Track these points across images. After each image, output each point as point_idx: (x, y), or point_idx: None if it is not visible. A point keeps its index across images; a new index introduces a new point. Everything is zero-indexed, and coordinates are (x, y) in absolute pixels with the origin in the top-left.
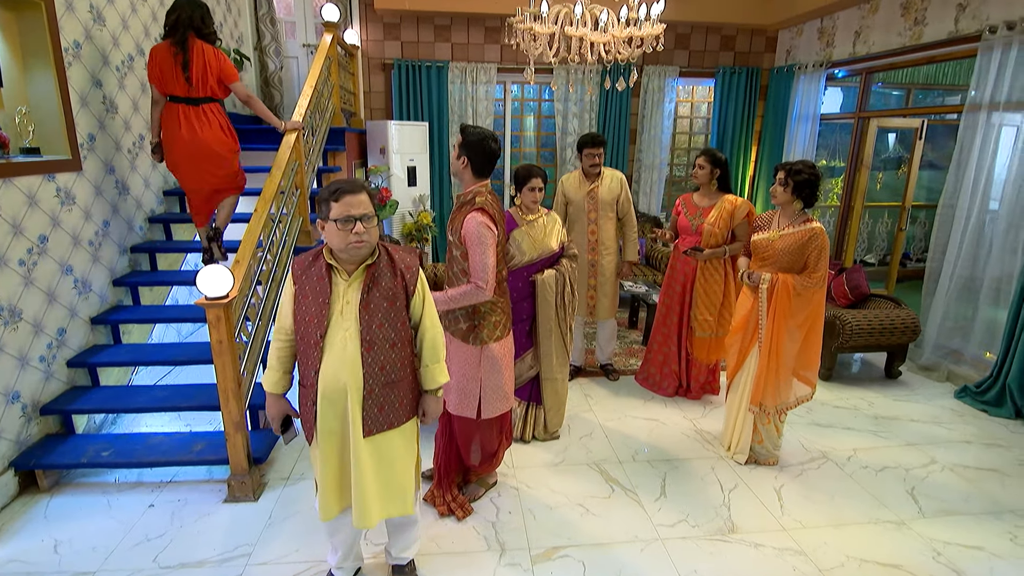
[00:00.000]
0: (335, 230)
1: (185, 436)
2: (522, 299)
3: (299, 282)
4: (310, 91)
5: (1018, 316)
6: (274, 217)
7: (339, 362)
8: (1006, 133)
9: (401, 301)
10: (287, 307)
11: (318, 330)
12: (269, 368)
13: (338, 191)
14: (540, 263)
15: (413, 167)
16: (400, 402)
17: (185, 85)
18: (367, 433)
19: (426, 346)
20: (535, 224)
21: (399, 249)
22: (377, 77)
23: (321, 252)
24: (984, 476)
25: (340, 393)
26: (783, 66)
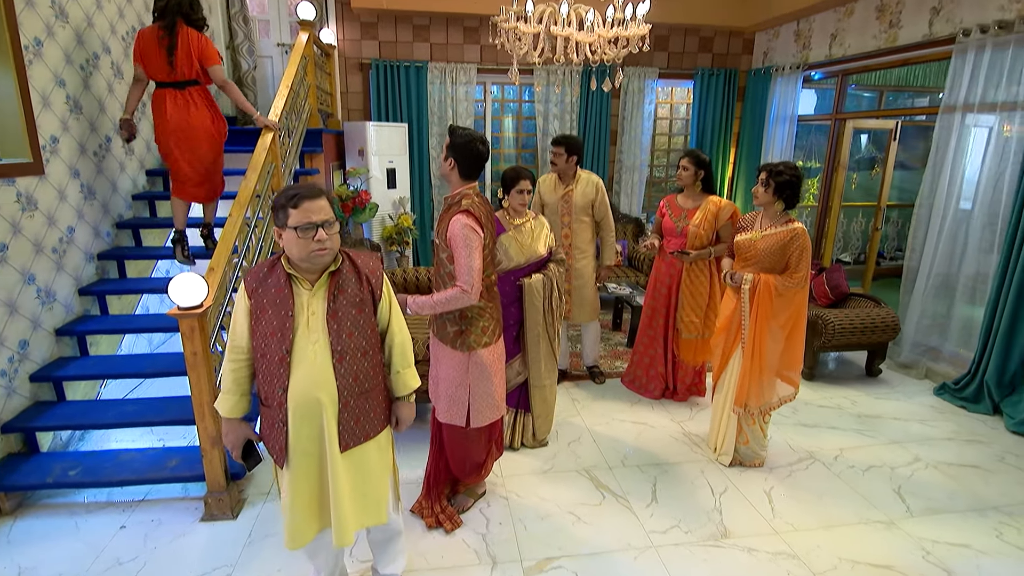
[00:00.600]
0: (295, 238)
1: (158, 452)
2: (509, 304)
3: (255, 296)
4: (286, 91)
5: (995, 314)
6: (249, 222)
7: (310, 377)
8: (980, 134)
9: (369, 307)
10: (242, 324)
11: (283, 345)
12: (225, 392)
13: (297, 197)
14: (528, 267)
15: (392, 169)
16: (375, 411)
17: (167, 69)
18: (344, 448)
19: (396, 351)
20: (522, 228)
21: (360, 254)
22: (354, 77)
23: (277, 262)
24: (967, 473)
25: (314, 409)
26: (760, 68)
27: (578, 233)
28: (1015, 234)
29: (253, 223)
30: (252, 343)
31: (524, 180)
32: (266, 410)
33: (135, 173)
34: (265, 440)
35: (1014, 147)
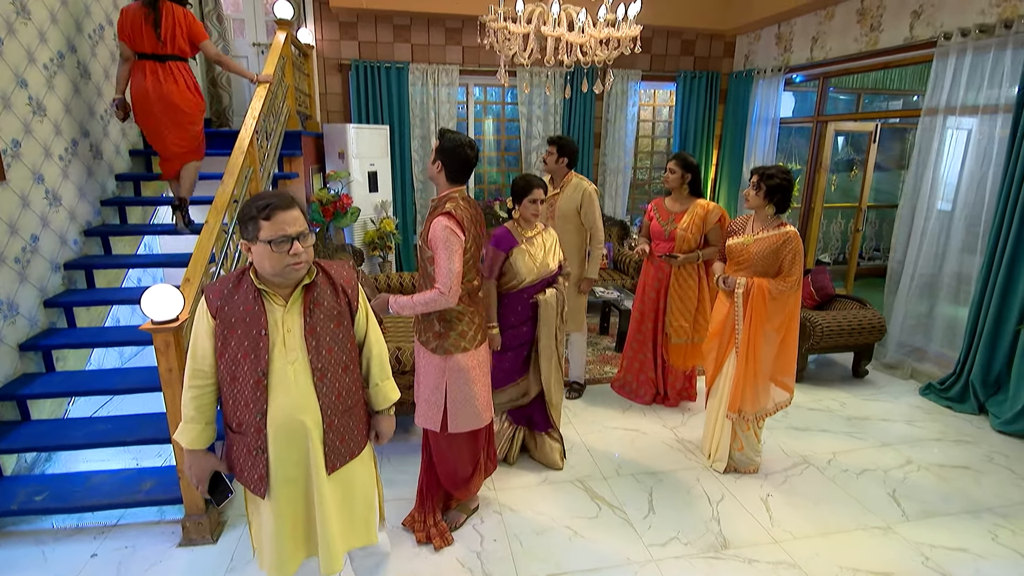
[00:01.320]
0: (268, 252)
1: (131, 473)
2: (521, 323)
3: (220, 315)
4: (264, 92)
5: (979, 314)
6: (227, 228)
7: (291, 399)
8: (962, 136)
9: (347, 320)
10: (205, 346)
11: (258, 367)
12: (187, 421)
13: (269, 207)
14: (540, 283)
15: (374, 172)
16: (358, 428)
17: (155, 40)
18: (331, 470)
19: (374, 363)
20: (535, 241)
21: (332, 264)
22: (333, 78)
23: (243, 276)
24: (958, 474)
25: (297, 433)
26: (742, 71)
27: (562, 238)
28: (998, 235)
29: (231, 229)
30: (218, 366)
31: (537, 189)
32: (238, 437)
33: (104, 178)
34: (237, 470)
35: (996, 149)
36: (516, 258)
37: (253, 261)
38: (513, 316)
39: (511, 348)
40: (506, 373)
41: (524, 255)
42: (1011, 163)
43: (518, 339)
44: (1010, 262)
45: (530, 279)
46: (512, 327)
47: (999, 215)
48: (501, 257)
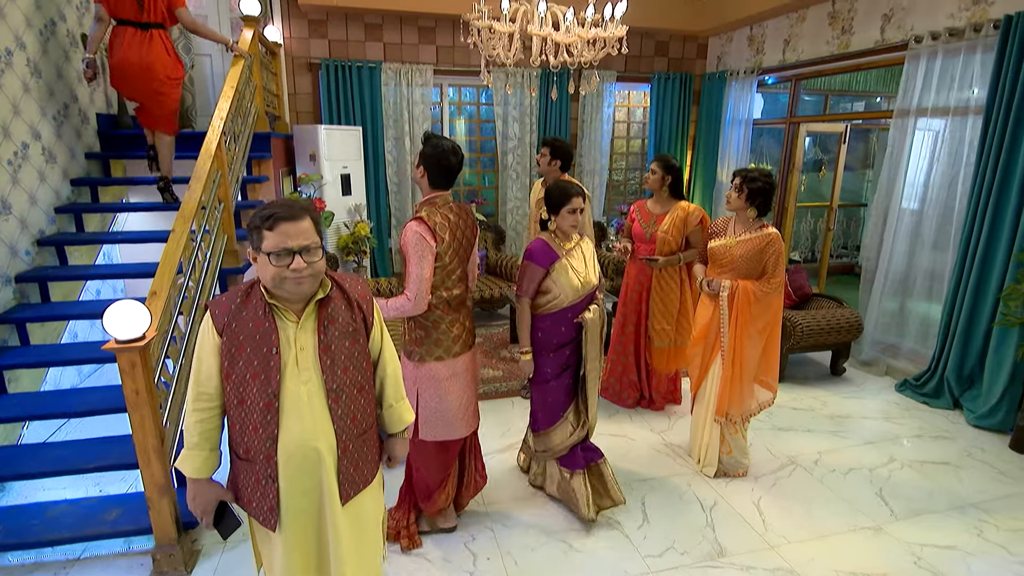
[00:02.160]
0: (267, 265)
1: (94, 503)
2: (562, 345)
3: (227, 332)
4: (231, 92)
5: (952, 311)
6: (195, 236)
7: (304, 423)
8: (933, 137)
9: (363, 337)
10: (210, 366)
11: (268, 388)
12: (190, 447)
13: (273, 217)
14: (583, 301)
15: (347, 175)
16: (371, 453)
17: (136, 8)
18: (345, 499)
19: (388, 383)
20: (574, 254)
21: (346, 277)
22: (303, 78)
23: (252, 290)
24: (940, 471)
25: (310, 460)
26: (715, 72)
27: None
28: (970, 234)
29: (199, 237)
30: (224, 388)
31: (576, 197)
32: (246, 465)
33: (58, 183)
34: (244, 500)
35: (966, 150)
36: (559, 274)
37: (257, 273)
38: (556, 339)
39: (553, 377)
40: (552, 408)
41: (567, 270)
42: (981, 163)
43: (560, 364)
44: (982, 260)
45: (574, 297)
46: (553, 351)
47: (970, 214)
48: (540, 274)
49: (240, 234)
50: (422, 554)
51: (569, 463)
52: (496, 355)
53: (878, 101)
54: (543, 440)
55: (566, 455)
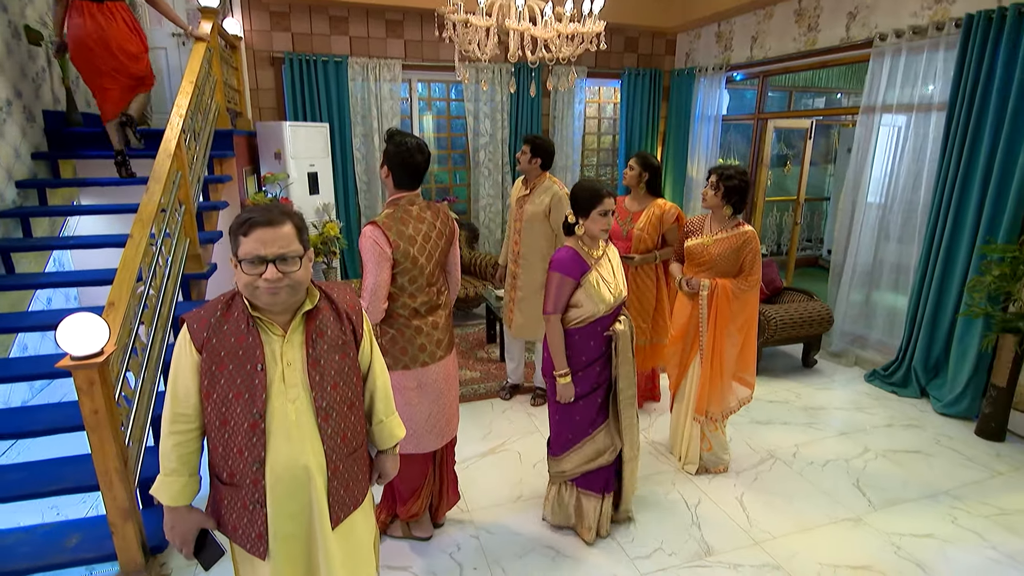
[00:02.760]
0: (241, 272)
1: (52, 529)
2: (591, 361)
3: (207, 348)
4: (191, 87)
5: (919, 302)
6: (155, 241)
7: (293, 444)
8: (898, 133)
9: (353, 351)
10: (188, 385)
11: (253, 407)
12: (167, 473)
13: (248, 222)
14: (614, 313)
15: (314, 173)
16: (362, 473)
17: None
18: (336, 523)
19: (379, 397)
20: (603, 262)
21: (334, 286)
22: (265, 72)
23: (232, 302)
24: (912, 459)
25: (299, 482)
26: (683, 69)
27: (527, 242)
28: (935, 227)
29: (160, 242)
30: (204, 408)
31: (607, 198)
32: (230, 490)
33: (2, 186)
34: (228, 527)
35: (930, 145)
36: (590, 286)
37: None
38: (584, 355)
39: (582, 395)
40: (578, 426)
41: (598, 281)
42: (945, 158)
43: (590, 382)
44: (946, 253)
45: (605, 308)
46: (582, 368)
47: (935, 208)
48: (570, 286)
49: (203, 237)
50: (407, 567)
51: (588, 484)
52: (473, 356)
53: (838, 97)
54: (567, 459)
55: (586, 476)
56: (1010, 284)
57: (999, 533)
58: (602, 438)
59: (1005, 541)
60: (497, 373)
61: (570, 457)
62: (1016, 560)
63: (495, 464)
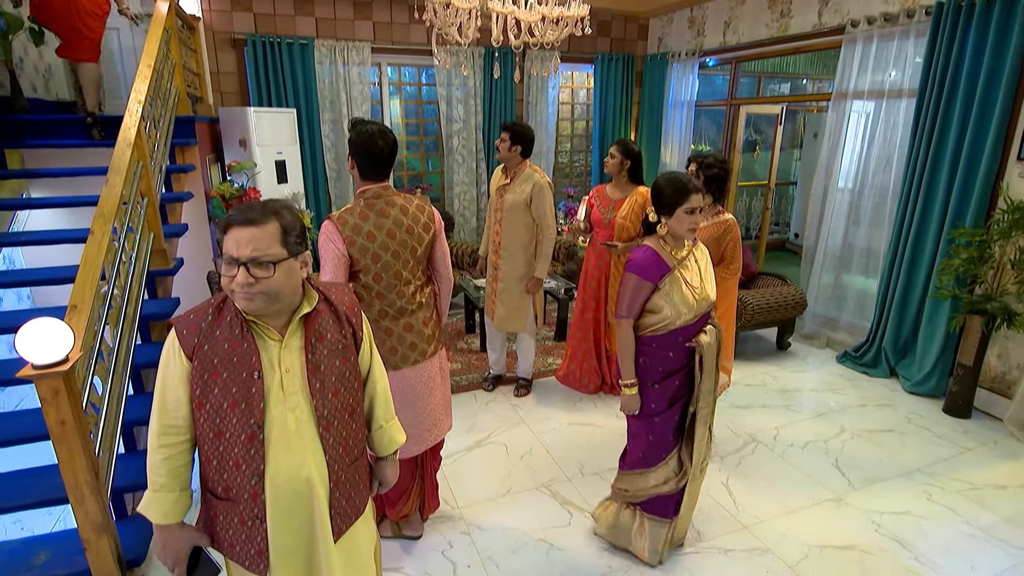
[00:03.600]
0: (222, 273)
1: (19, 545)
2: (669, 373)
3: (198, 355)
4: (149, 71)
5: (888, 285)
6: (117, 237)
7: (294, 455)
8: (870, 118)
9: (353, 355)
10: (179, 395)
11: (251, 418)
12: (157, 488)
13: (228, 219)
14: (699, 321)
15: (282, 161)
16: (363, 482)
17: None
18: (338, 535)
19: (379, 402)
20: (688, 264)
21: (332, 287)
22: (226, 55)
23: (224, 305)
24: (886, 438)
25: (301, 495)
26: (656, 54)
27: (508, 232)
28: (904, 211)
29: (123, 237)
30: (196, 419)
31: (695, 194)
32: (226, 505)
33: None
34: (224, 544)
35: (900, 131)
36: (670, 290)
37: None
38: (661, 366)
39: (658, 412)
40: (653, 447)
41: (680, 285)
42: (914, 145)
43: (667, 397)
44: (916, 237)
45: (688, 316)
46: (659, 380)
47: (905, 193)
48: (647, 289)
49: (168, 230)
50: (399, 568)
51: (656, 510)
52: (453, 347)
53: (804, 83)
54: (632, 480)
55: (653, 500)
56: (977, 267)
57: (971, 508)
58: (675, 463)
59: (978, 516)
60: (478, 364)
61: (640, 478)
62: (988, 533)
63: (482, 458)
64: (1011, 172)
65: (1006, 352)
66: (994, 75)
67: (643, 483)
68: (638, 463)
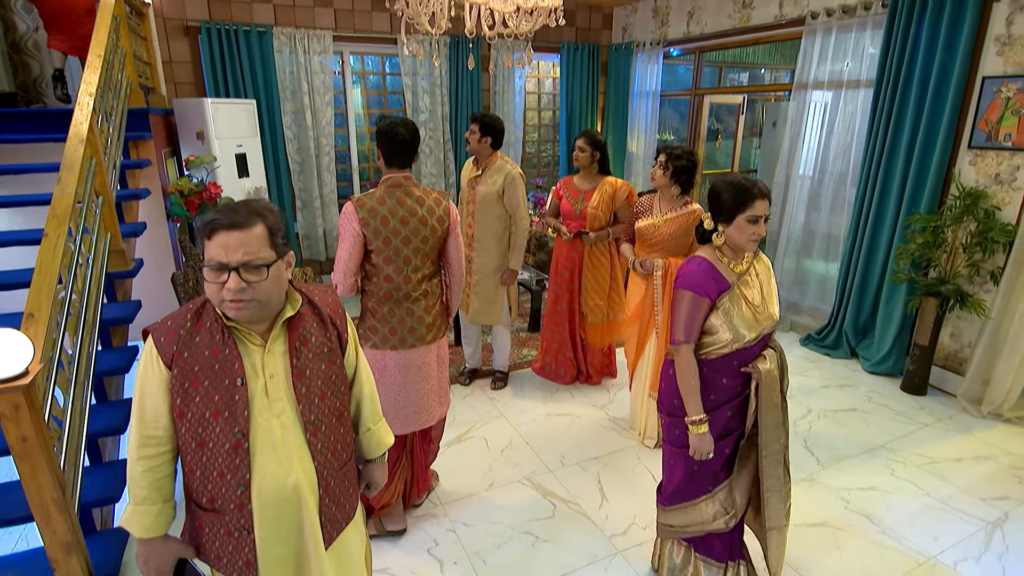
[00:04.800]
0: (206, 279)
1: None
2: (724, 402)
3: (178, 362)
4: (99, 62)
5: (848, 270)
6: (73, 239)
7: (281, 463)
8: (830, 108)
9: (339, 358)
10: (158, 405)
11: (235, 427)
12: (138, 502)
13: (212, 224)
14: (759, 343)
15: (243, 154)
16: (352, 486)
17: None
18: (329, 542)
19: (366, 404)
20: (749, 279)
21: (315, 289)
22: (179, 43)
23: (203, 309)
24: (850, 417)
25: (291, 504)
26: (621, 43)
27: (481, 224)
28: (863, 199)
29: (79, 239)
30: (177, 428)
31: (759, 201)
32: (211, 516)
33: None
34: (210, 556)
35: (859, 121)
36: (730, 309)
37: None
38: (714, 394)
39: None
40: (697, 479)
41: (740, 304)
42: (872, 134)
43: (718, 428)
44: (874, 223)
45: (749, 339)
46: (710, 411)
47: (863, 181)
48: (705, 308)
49: (125, 230)
50: (385, 569)
51: (707, 551)
52: None
53: (762, 72)
54: (677, 515)
55: (703, 539)
56: (931, 252)
57: (931, 481)
58: (722, 498)
59: (937, 488)
60: (454, 358)
61: (680, 514)
62: (948, 505)
63: (462, 452)
64: (962, 160)
65: (958, 331)
66: (946, 68)
67: (688, 519)
68: (681, 497)
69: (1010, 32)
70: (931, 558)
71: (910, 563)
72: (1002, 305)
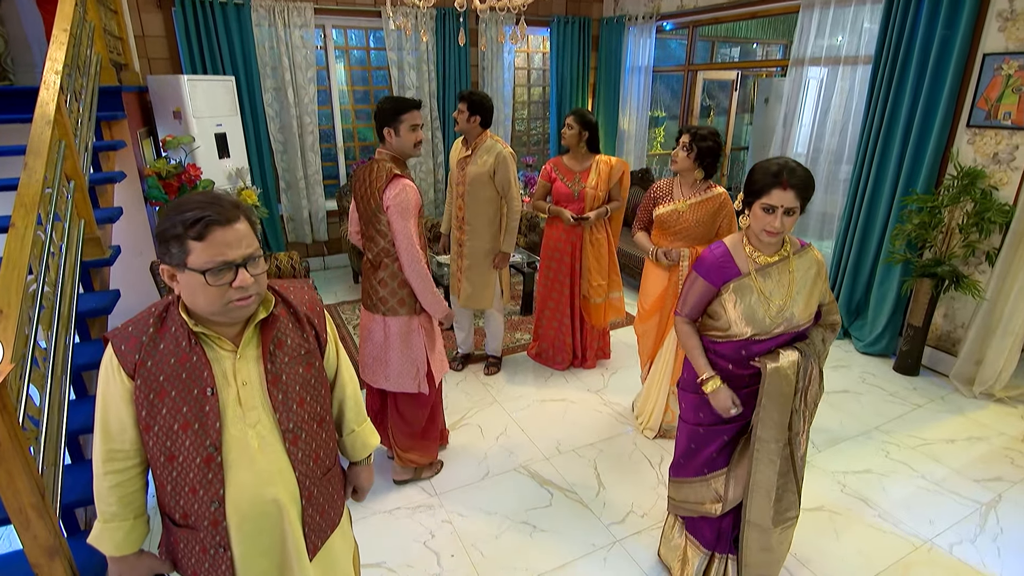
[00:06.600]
0: (202, 286)
1: None
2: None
3: (141, 372)
4: (66, 36)
5: (843, 249)
6: (43, 228)
7: (258, 475)
8: (826, 85)
9: (318, 360)
10: (122, 417)
11: (207, 439)
12: (108, 519)
13: (201, 221)
14: (776, 340)
15: (222, 134)
16: (336, 492)
17: None
18: (313, 552)
19: (349, 406)
20: (771, 273)
21: (289, 286)
22: (152, 16)
23: (167, 314)
24: (843, 399)
25: (270, 516)
26: (612, 17)
27: (472, 207)
28: (859, 177)
29: (50, 228)
30: (144, 442)
31: (778, 191)
32: (186, 532)
33: None
34: (187, 571)
35: (856, 97)
36: (736, 299)
37: (180, 294)
38: (721, 376)
39: (704, 423)
40: (693, 458)
41: (750, 295)
42: (869, 111)
43: (716, 415)
44: (869, 203)
45: (754, 331)
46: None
47: (859, 159)
48: (708, 292)
49: (100, 216)
50: (381, 563)
51: (695, 531)
52: None
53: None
54: (676, 488)
55: (695, 520)
56: (927, 232)
57: (925, 463)
58: (715, 485)
59: (931, 470)
60: (446, 343)
61: (675, 487)
62: (942, 486)
63: (457, 440)
64: (960, 139)
65: (952, 312)
66: (946, 44)
67: (684, 495)
68: (675, 468)
69: (1013, 7)
70: (927, 541)
71: (907, 547)
72: (997, 286)
